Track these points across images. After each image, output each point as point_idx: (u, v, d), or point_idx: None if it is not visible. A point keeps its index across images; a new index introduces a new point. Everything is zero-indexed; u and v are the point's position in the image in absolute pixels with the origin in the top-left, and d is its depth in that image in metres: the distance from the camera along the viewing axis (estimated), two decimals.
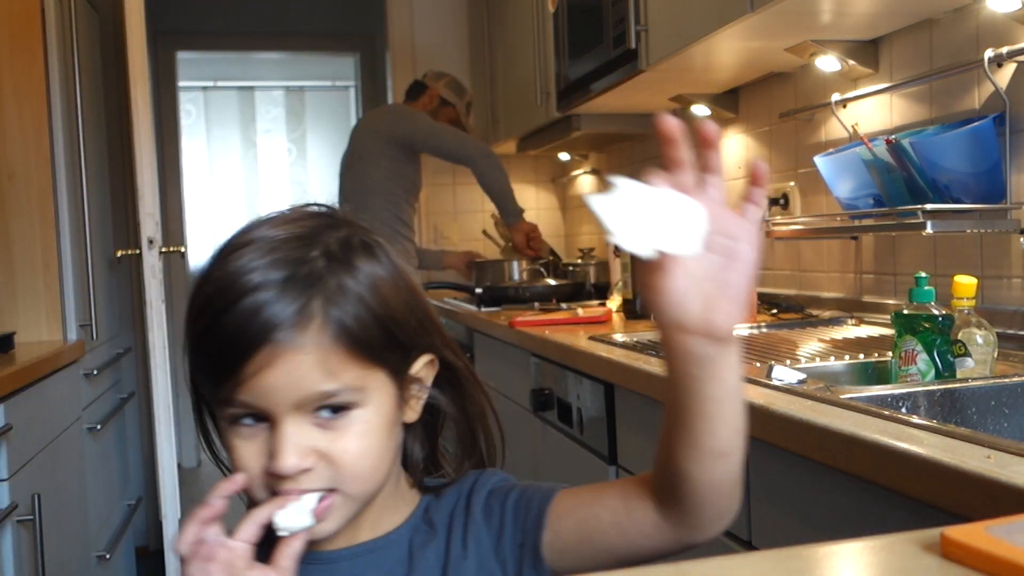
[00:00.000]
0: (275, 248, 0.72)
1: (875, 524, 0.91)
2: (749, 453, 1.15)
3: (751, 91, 2.41)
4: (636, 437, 1.54)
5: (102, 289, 2.89)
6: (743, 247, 0.66)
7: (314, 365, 0.70)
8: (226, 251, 0.74)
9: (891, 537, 0.54)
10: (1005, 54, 1.48)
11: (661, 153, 0.70)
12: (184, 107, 7.56)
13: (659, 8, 2.02)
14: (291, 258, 0.71)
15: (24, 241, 2.48)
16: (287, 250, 0.72)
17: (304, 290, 0.70)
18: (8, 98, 2.46)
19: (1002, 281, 1.58)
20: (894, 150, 1.65)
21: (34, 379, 2.05)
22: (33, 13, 2.46)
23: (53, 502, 2.11)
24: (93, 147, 2.91)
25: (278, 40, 5.64)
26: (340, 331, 0.71)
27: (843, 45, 1.87)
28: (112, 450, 2.98)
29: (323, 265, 0.71)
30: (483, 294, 2.82)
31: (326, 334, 0.70)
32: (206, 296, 0.73)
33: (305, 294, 0.70)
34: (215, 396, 0.74)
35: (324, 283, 0.71)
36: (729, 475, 0.70)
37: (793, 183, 2.21)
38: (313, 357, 0.70)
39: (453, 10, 3.94)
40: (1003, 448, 0.81)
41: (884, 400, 1.12)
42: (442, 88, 3.20)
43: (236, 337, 0.70)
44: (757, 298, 2.07)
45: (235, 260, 0.72)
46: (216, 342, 0.71)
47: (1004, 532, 0.51)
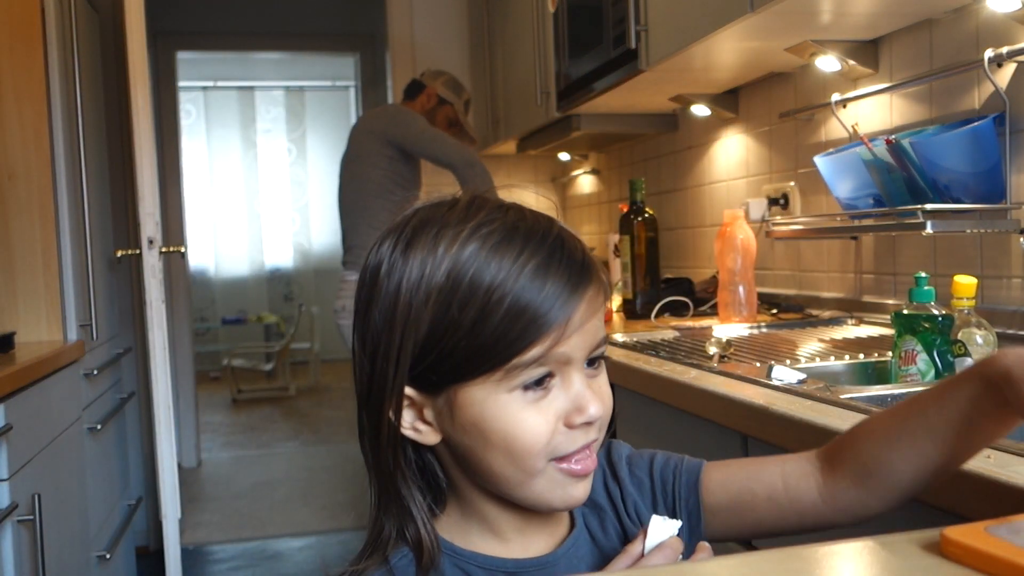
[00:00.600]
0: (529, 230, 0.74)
1: (875, 524, 0.91)
2: (749, 453, 1.16)
3: (751, 91, 2.41)
4: (636, 437, 1.54)
5: (102, 289, 2.89)
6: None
7: (602, 312, 0.75)
8: (471, 234, 0.71)
9: (891, 537, 0.54)
10: (1005, 54, 1.48)
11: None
12: (184, 107, 7.57)
13: (659, 8, 2.02)
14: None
15: (24, 241, 2.48)
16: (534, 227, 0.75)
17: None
18: (8, 98, 2.46)
19: (1002, 281, 1.58)
20: (894, 150, 1.65)
21: (34, 379, 2.05)
22: (33, 13, 2.46)
23: (53, 502, 2.11)
24: (93, 147, 2.91)
25: (278, 40, 5.64)
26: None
27: (843, 45, 1.87)
28: (112, 450, 2.98)
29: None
30: None
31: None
32: (497, 269, 0.70)
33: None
34: (496, 368, 0.69)
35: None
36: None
37: (793, 183, 2.21)
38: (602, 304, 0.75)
39: (453, 10, 3.94)
40: (1003, 448, 0.81)
41: (884, 400, 1.12)
42: (440, 87, 3.20)
43: (565, 284, 0.70)
44: (757, 298, 2.07)
45: (508, 239, 0.72)
46: (534, 299, 0.69)
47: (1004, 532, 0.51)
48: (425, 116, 3.18)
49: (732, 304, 2.03)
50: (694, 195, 2.80)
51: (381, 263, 0.74)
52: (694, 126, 2.77)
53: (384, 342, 0.72)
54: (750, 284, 2.03)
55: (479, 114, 3.73)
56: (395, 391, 0.72)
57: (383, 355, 0.72)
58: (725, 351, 1.47)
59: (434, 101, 3.19)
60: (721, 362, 1.41)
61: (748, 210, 2.25)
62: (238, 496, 4.49)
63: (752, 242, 2.05)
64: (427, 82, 3.21)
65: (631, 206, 2.27)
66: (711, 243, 2.63)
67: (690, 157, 2.82)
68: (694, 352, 1.54)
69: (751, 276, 2.04)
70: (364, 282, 0.75)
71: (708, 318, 2.13)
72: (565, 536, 0.80)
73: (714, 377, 1.29)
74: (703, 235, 2.75)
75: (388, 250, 0.74)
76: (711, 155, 2.67)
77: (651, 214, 2.27)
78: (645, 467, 0.84)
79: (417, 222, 0.74)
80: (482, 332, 0.69)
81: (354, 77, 5.86)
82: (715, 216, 2.66)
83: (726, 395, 1.16)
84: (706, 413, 1.22)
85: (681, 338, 1.78)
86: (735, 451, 1.18)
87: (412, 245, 0.72)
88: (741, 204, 2.36)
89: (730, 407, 1.14)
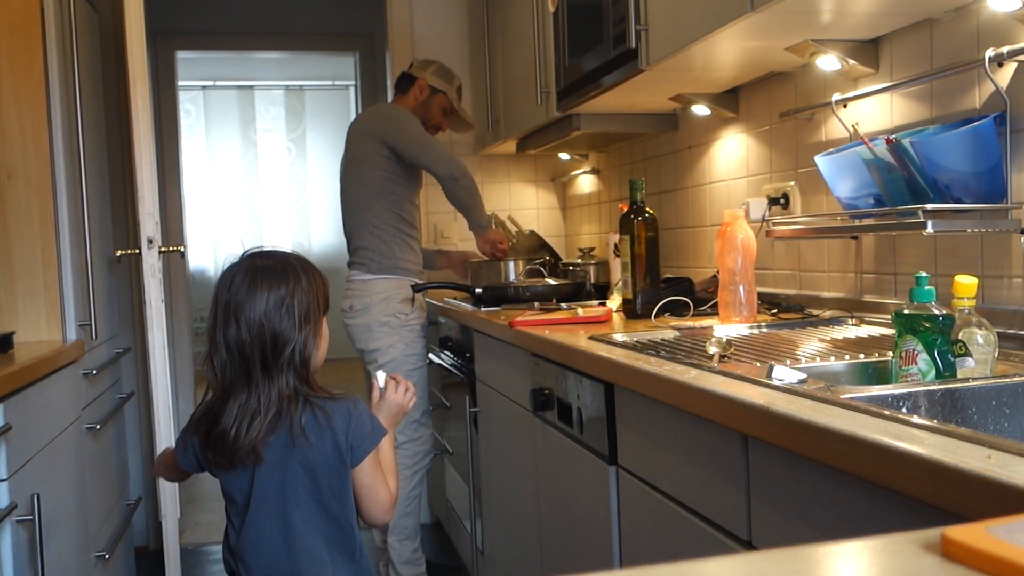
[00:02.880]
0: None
1: (875, 524, 0.91)
2: (749, 453, 1.15)
3: (751, 91, 2.41)
4: (636, 437, 1.54)
5: (102, 289, 2.89)
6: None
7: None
8: None
9: (891, 537, 0.54)
10: (1006, 53, 1.48)
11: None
12: (184, 106, 7.57)
13: (659, 7, 2.02)
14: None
15: (24, 241, 2.48)
16: None
17: None
18: (8, 98, 2.46)
19: (1003, 281, 1.58)
20: (894, 150, 1.65)
21: (33, 379, 2.05)
22: (33, 13, 2.46)
23: (52, 502, 2.11)
24: (93, 147, 2.91)
25: (278, 40, 5.64)
26: None
27: (843, 45, 1.87)
28: (111, 450, 2.98)
29: None
30: (483, 294, 2.82)
31: None
32: None
33: None
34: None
35: None
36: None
37: (793, 183, 2.21)
38: None
39: (453, 9, 3.94)
40: (1004, 448, 0.81)
41: (884, 400, 1.12)
42: (430, 76, 3.18)
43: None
44: (757, 298, 2.07)
45: None
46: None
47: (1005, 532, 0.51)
48: (419, 108, 3.16)
49: (732, 304, 2.02)
50: (694, 195, 2.80)
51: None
52: (694, 126, 2.77)
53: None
54: (750, 284, 2.03)
55: (479, 114, 3.73)
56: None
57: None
58: (725, 351, 1.47)
59: (427, 92, 3.17)
60: (721, 362, 1.41)
61: (748, 210, 2.24)
62: None
63: (752, 242, 2.05)
64: (417, 73, 3.19)
65: (631, 206, 2.27)
66: (711, 243, 2.63)
67: (690, 157, 2.82)
68: (694, 352, 1.53)
69: (751, 276, 2.04)
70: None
71: (708, 318, 2.13)
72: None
73: (714, 377, 1.28)
74: (703, 235, 2.75)
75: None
76: (711, 155, 2.67)
77: (651, 214, 2.27)
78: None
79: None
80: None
81: (354, 76, 5.85)
82: (715, 216, 2.66)
83: (726, 395, 1.15)
84: (706, 413, 1.21)
85: (681, 338, 1.78)
86: (735, 451, 1.18)
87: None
88: (741, 204, 2.35)
89: (730, 407, 1.14)
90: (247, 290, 1.47)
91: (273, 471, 1.47)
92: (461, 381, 2.87)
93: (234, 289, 1.48)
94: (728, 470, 1.20)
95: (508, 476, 2.43)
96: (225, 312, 1.48)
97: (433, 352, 3.36)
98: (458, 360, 2.95)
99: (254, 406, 1.45)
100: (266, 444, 1.46)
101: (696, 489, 1.31)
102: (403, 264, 3.05)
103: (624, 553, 1.63)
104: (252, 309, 1.46)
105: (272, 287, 1.47)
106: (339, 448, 1.49)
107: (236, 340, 1.46)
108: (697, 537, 1.30)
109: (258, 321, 1.46)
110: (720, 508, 1.23)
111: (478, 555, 2.84)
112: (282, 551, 1.48)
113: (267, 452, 1.46)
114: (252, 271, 1.49)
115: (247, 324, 1.46)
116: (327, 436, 1.48)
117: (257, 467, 1.47)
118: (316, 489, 1.49)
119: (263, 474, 1.48)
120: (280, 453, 1.47)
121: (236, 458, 1.46)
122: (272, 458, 1.47)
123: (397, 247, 3.04)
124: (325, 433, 1.48)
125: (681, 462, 1.35)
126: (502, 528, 2.55)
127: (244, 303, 1.46)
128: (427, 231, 3.93)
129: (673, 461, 1.38)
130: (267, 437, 1.45)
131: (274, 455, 1.47)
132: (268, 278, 1.48)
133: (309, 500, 1.49)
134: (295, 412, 1.46)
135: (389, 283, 2.99)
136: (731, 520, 1.21)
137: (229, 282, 1.49)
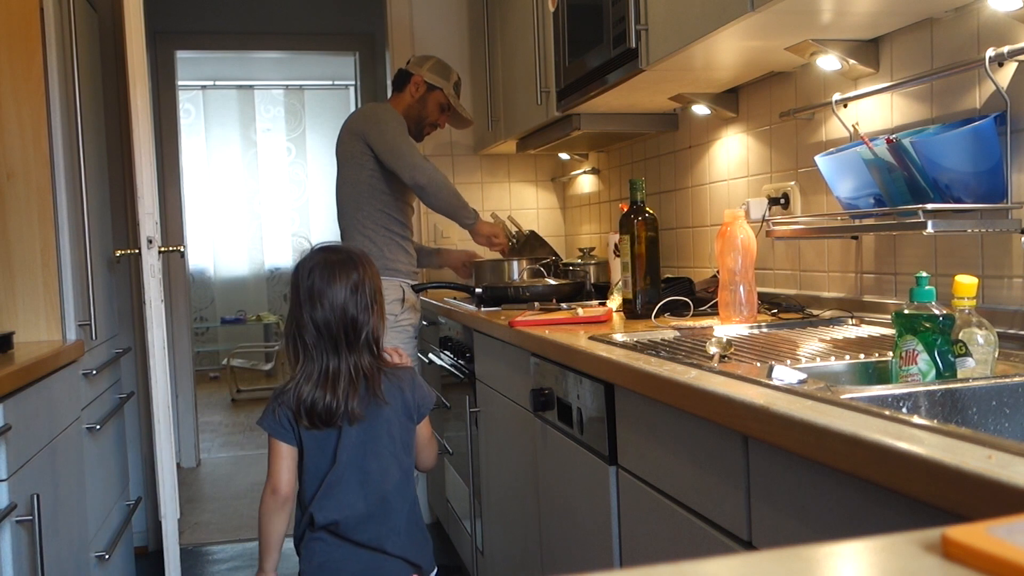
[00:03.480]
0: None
1: (875, 524, 0.91)
2: (749, 453, 1.15)
3: (751, 90, 2.41)
4: (636, 437, 1.54)
5: (101, 289, 2.89)
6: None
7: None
8: None
9: (892, 537, 0.54)
10: (1006, 53, 1.47)
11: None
12: (183, 106, 7.57)
13: (659, 7, 2.02)
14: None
15: (23, 241, 2.48)
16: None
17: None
18: (7, 98, 2.46)
19: (1003, 281, 1.58)
20: (895, 149, 1.65)
21: (33, 379, 2.05)
22: (32, 13, 2.46)
23: (52, 502, 2.11)
24: (92, 146, 2.91)
25: (277, 39, 5.64)
26: None
27: (844, 44, 1.86)
28: (111, 450, 2.98)
29: None
30: (483, 294, 2.82)
31: None
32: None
33: None
34: None
35: None
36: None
37: (793, 183, 2.21)
38: None
39: (453, 9, 3.94)
40: (1004, 448, 0.81)
41: (884, 400, 1.12)
42: (426, 73, 3.17)
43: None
44: (758, 298, 2.06)
45: None
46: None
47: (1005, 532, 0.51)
48: (416, 104, 3.15)
49: (732, 304, 2.02)
50: (694, 195, 2.80)
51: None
52: (694, 125, 2.77)
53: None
54: (750, 284, 2.03)
55: (479, 114, 3.73)
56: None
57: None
58: (725, 351, 1.47)
59: (423, 89, 3.16)
60: (721, 362, 1.41)
61: (748, 210, 2.24)
62: (237, 496, 4.49)
63: (752, 242, 2.05)
64: (413, 70, 3.18)
65: (631, 206, 2.27)
66: (711, 243, 2.63)
67: (690, 157, 2.82)
68: (694, 352, 1.53)
69: (751, 276, 2.03)
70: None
71: (708, 318, 2.13)
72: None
73: (714, 377, 1.28)
74: (703, 235, 2.75)
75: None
76: (711, 155, 2.67)
77: (651, 214, 2.27)
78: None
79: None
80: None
81: (353, 76, 5.85)
82: (715, 216, 2.66)
83: (726, 395, 1.15)
84: (706, 413, 1.21)
85: (681, 338, 1.78)
86: (735, 451, 1.18)
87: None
88: (741, 204, 2.35)
89: (730, 407, 1.14)
90: (327, 279, 1.76)
91: (357, 430, 1.77)
92: (461, 381, 2.87)
93: (314, 278, 1.76)
94: (728, 470, 1.20)
95: (508, 476, 2.43)
96: (310, 297, 1.76)
97: (433, 352, 3.36)
98: (458, 360, 2.94)
99: (347, 373, 1.75)
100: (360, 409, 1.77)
101: (696, 489, 1.30)
102: (393, 264, 3.03)
103: (624, 553, 1.62)
104: (334, 295, 1.75)
105: (346, 275, 1.77)
106: (407, 407, 1.83)
107: (323, 320, 1.75)
108: (697, 537, 1.30)
109: (340, 305, 1.75)
110: (720, 508, 1.23)
111: (478, 555, 2.84)
112: (359, 496, 1.76)
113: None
114: (327, 263, 1.78)
115: (331, 306, 1.75)
116: (398, 397, 1.81)
117: (344, 427, 1.76)
118: (391, 443, 1.79)
119: (350, 431, 1.76)
120: (367, 413, 1.77)
121: (335, 419, 1.75)
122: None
123: (387, 248, 3.02)
124: (397, 395, 1.81)
125: (681, 462, 1.35)
126: (502, 528, 2.55)
127: (326, 290, 1.75)
128: (427, 231, 3.93)
129: (673, 461, 1.38)
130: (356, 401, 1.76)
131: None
132: (341, 268, 1.77)
133: (385, 453, 1.79)
134: (378, 379, 1.77)
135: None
136: (731, 520, 1.20)
137: (308, 272, 1.78)
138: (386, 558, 1.77)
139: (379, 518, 1.77)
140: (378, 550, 1.76)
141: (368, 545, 1.76)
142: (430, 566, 1.84)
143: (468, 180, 3.99)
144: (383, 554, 1.76)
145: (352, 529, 1.76)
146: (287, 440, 1.79)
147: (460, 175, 3.98)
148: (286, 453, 1.79)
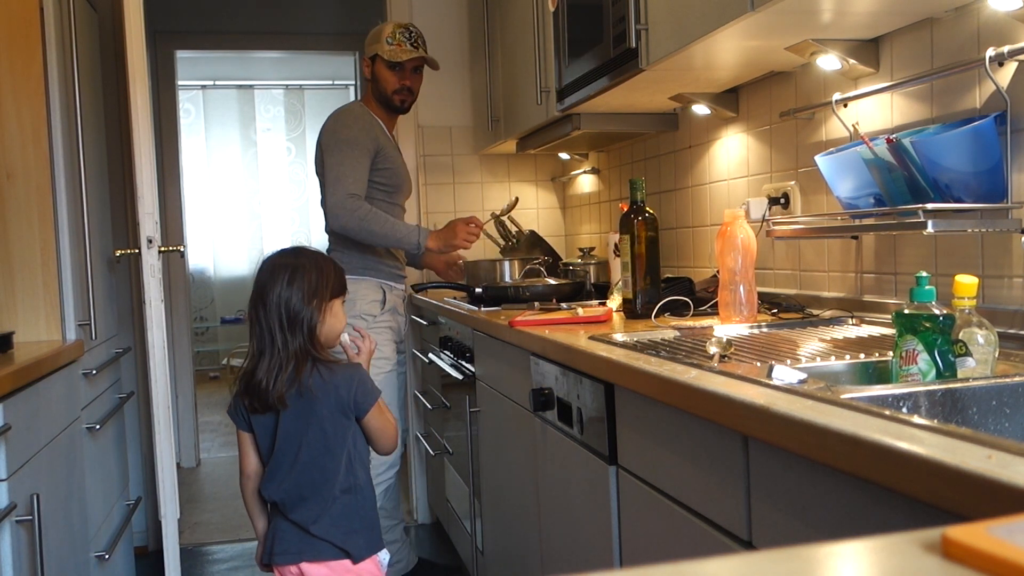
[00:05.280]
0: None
1: (875, 524, 0.91)
2: (749, 453, 1.15)
3: (751, 90, 2.41)
4: (636, 437, 1.54)
5: (101, 288, 2.89)
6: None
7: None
8: None
9: (892, 537, 0.54)
10: (1006, 53, 1.47)
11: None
12: (183, 106, 7.57)
13: (659, 7, 2.02)
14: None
15: (23, 241, 2.48)
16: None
17: None
18: (7, 98, 2.46)
19: (1003, 281, 1.58)
20: (895, 149, 1.64)
21: (33, 379, 2.05)
22: (32, 13, 2.46)
23: (52, 502, 2.11)
24: (92, 146, 2.91)
25: (277, 39, 5.63)
26: None
27: (844, 44, 1.86)
28: (111, 450, 2.97)
29: None
30: (483, 294, 2.82)
31: None
32: None
33: None
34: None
35: None
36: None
37: (793, 182, 2.21)
38: None
39: (453, 9, 3.94)
40: (1004, 448, 0.81)
41: (885, 400, 1.12)
42: (366, 48, 3.07)
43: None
44: (758, 298, 2.06)
45: None
46: None
47: (1006, 532, 0.51)
48: (376, 88, 3.04)
49: (732, 304, 2.02)
50: (694, 195, 2.80)
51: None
52: (694, 125, 2.77)
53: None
54: (750, 284, 2.03)
55: (479, 114, 3.73)
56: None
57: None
58: (725, 351, 1.47)
59: (368, 67, 3.06)
60: (721, 362, 1.41)
61: (748, 209, 2.24)
62: (237, 496, 4.46)
63: (752, 242, 2.05)
64: (364, 56, 3.10)
65: (631, 205, 2.26)
66: (711, 243, 2.63)
67: (690, 156, 2.82)
68: (694, 352, 1.53)
69: (751, 276, 2.03)
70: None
71: (708, 318, 2.13)
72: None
73: (714, 377, 1.28)
74: (703, 235, 2.75)
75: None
76: (711, 154, 2.67)
77: (651, 213, 2.27)
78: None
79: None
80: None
81: (353, 76, 5.86)
82: (715, 216, 2.66)
83: (726, 395, 1.15)
84: (706, 413, 1.21)
85: (681, 338, 1.78)
86: (735, 451, 1.18)
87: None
88: (741, 203, 2.35)
89: (730, 407, 1.14)
90: (270, 277, 1.93)
91: (291, 417, 1.92)
92: (461, 381, 2.87)
93: (263, 278, 1.95)
94: (728, 470, 1.20)
95: (508, 476, 2.43)
96: (257, 295, 1.95)
97: (433, 352, 3.36)
98: (458, 360, 2.94)
99: (278, 361, 1.90)
100: (288, 396, 1.91)
101: (696, 489, 1.30)
102: (372, 264, 2.99)
103: (624, 553, 1.62)
104: (272, 291, 1.92)
105: (286, 274, 1.93)
106: (342, 404, 1.93)
107: (264, 314, 1.92)
108: (697, 537, 1.30)
109: (275, 300, 1.92)
110: (720, 508, 1.23)
111: (478, 555, 2.84)
112: (291, 479, 1.93)
113: (288, 401, 1.91)
114: (274, 264, 1.96)
115: (270, 302, 1.92)
116: (331, 394, 1.93)
117: (282, 413, 1.92)
118: (323, 435, 1.93)
119: (284, 419, 1.93)
120: (297, 403, 1.92)
121: (267, 403, 1.91)
122: (292, 406, 1.91)
123: (367, 248, 2.98)
124: (329, 391, 1.93)
125: (681, 462, 1.35)
126: (502, 528, 2.55)
127: (268, 282, 1.93)
128: None
129: (673, 461, 1.38)
130: (288, 389, 1.90)
131: (293, 404, 1.92)
132: (284, 269, 1.94)
133: (316, 443, 1.92)
134: (304, 369, 1.90)
135: (356, 285, 2.90)
136: (731, 520, 1.20)
137: (259, 273, 1.98)
138: (313, 539, 1.93)
139: (311, 501, 1.93)
140: (304, 530, 1.92)
141: (298, 524, 1.93)
142: (361, 554, 1.94)
143: (468, 180, 3.99)
144: (309, 535, 1.93)
145: (290, 509, 1.94)
146: (241, 426, 2.01)
147: (460, 175, 3.98)
148: (244, 438, 2.02)
